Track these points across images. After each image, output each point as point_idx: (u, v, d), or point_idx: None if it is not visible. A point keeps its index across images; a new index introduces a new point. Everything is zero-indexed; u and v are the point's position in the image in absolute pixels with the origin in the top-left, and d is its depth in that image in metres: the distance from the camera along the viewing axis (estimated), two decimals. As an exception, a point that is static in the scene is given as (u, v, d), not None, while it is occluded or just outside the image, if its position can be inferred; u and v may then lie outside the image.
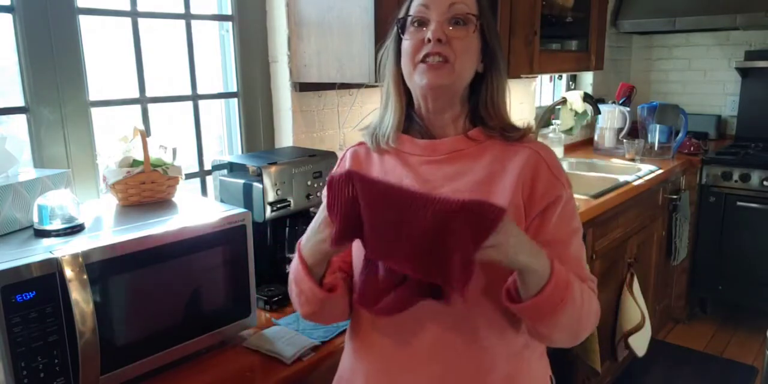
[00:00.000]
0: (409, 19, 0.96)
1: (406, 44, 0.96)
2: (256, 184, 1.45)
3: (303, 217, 1.56)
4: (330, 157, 1.61)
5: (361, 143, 1.08)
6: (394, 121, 1.01)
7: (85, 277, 0.97)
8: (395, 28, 0.99)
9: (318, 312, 0.97)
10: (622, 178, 2.59)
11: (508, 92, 1.03)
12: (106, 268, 1.02)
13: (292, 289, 0.98)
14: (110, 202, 1.33)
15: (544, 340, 0.97)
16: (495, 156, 0.97)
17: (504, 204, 0.91)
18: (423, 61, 0.93)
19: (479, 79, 1.00)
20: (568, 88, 3.54)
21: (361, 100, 2.09)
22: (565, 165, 3.02)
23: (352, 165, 1.06)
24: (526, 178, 0.94)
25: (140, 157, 1.31)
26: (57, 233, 1.08)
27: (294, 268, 0.96)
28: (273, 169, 1.45)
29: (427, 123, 1.01)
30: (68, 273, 0.96)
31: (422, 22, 0.95)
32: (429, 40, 0.92)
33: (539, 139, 2.91)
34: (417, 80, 0.95)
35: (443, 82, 0.94)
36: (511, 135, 0.98)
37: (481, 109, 0.99)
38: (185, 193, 1.43)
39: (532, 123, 0.97)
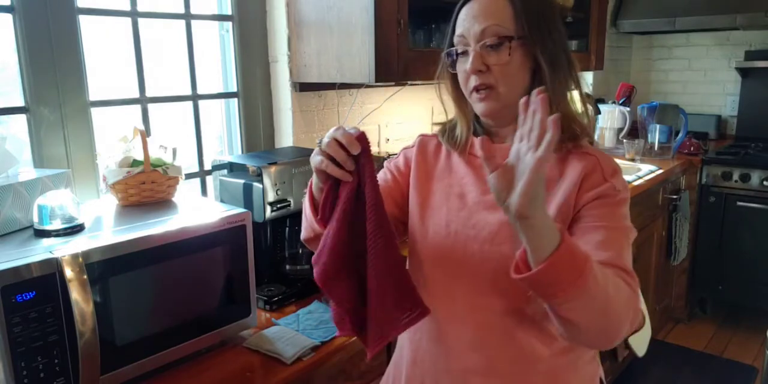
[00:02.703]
0: (453, 51, 0.99)
1: (458, 76, 1.00)
2: (256, 184, 1.45)
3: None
4: (330, 157, 1.61)
5: (435, 134, 1.12)
6: (463, 136, 1.05)
7: (85, 277, 0.97)
8: (446, 59, 1.02)
9: (313, 239, 1.00)
10: (622, 178, 2.59)
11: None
12: (106, 268, 1.02)
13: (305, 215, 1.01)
14: (110, 202, 1.33)
15: (573, 334, 0.88)
16: (554, 161, 0.98)
17: (554, 207, 0.94)
18: (474, 90, 0.97)
19: (540, 81, 0.99)
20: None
21: (361, 100, 2.09)
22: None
23: (418, 152, 1.09)
24: (581, 180, 0.95)
25: (140, 157, 1.31)
26: (57, 233, 1.08)
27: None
28: (273, 169, 1.45)
29: (489, 129, 1.05)
30: (68, 273, 0.96)
31: (465, 53, 0.97)
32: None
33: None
34: (474, 108, 1.00)
35: (494, 108, 0.98)
36: (566, 144, 0.98)
37: None
38: (185, 193, 1.43)
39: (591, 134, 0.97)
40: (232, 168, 1.55)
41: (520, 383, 0.99)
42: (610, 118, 3.26)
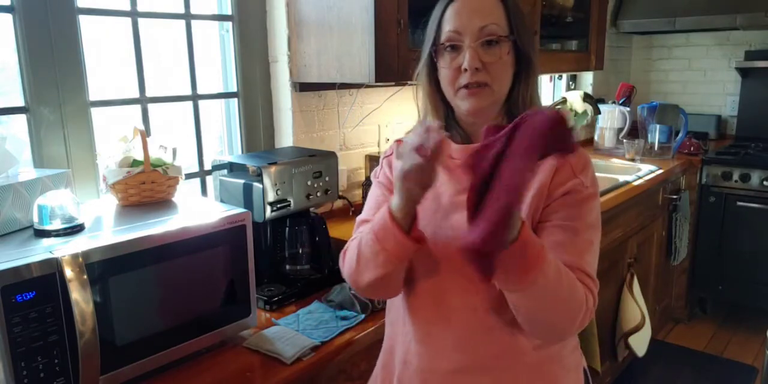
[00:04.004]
0: (442, 47, 0.98)
1: (444, 72, 0.99)
2: (256, 184, 1.45)
3: (303, 217, 1.56)
4: (330, 157, 1.61)
5: None
6: None
7: (85, 277, 0.97)
8: (428, 52, 1.01)
9: (391, 274, 0.95)
10: (622, 178, 2.59)
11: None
12: (106, 268, 1.02)
13: (363, 256, 0.95)
14: (110, 202, 1.33)
15: (525, 323, 0.94)
16: None
17: (528, 200, 0.95)
18: (463, 86, 0.97)
19: (519, 81, 1.02)
20: (568, 88, 3.54)
21: (361, 100, 2.09)
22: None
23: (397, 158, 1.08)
24: (552, 174, 0.97)
25: (140, 157, 1.31)
26: (57, 233, 1.08)
27: (370, 230, 0.94)
28: (273, 169, 1.45)
29: (467, 129, 1.04)
30: (68, 273, 0.96)
31: (456, 48, 0.97)
32: (466, 69, 0.95)
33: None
34: (459, 105, 0.99)
35: (485, 105, 0.98)
36: None
37: (513, 107, 1.02)
38: (185, 193, 1.43)
39: None
40: (232, 168, 1.55)
41: (506, 377, 1.00)
42: (610, 118, 3.26)
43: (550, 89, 3.49)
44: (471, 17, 0.95)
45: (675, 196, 2.98)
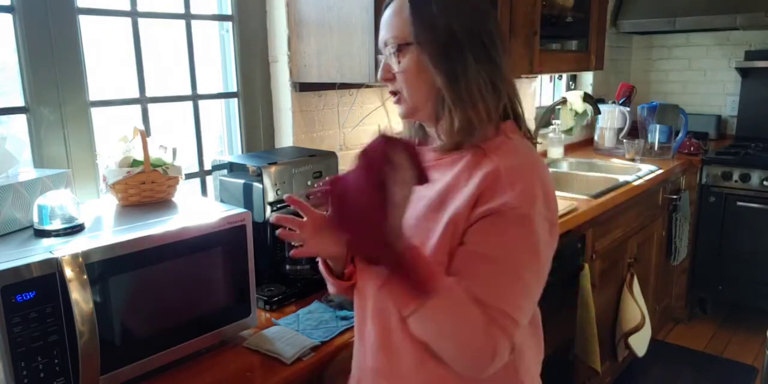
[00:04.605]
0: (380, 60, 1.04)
1: None
2: (256, 184, 1.45)
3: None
4: (330, 157, 1.61)
5: None
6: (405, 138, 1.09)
7: (85, 277, 0.97)
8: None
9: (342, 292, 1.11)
10: (622, 178, 2.59)
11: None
12: (106, 268, 1.02)
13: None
14: (110, 202, 1.33)
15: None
16: (466, 165, 0.94)
17: (446, 217, 0.91)
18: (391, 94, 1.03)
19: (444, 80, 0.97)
20: (568, 88, 3.54)
21: (361, 100, 2.09)
22: (564, 165, 3.03)
23: None
24: (479, 190, 0.89)
25: (140, 157, 1.31)
26: (57, 233, 1.08)
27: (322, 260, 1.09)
28: (273, 169, 1.45)
29: (430, 132, 1.06)
30: (68, 273, 0.96)
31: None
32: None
33: (539, 140, 2.92)
34: None
35: (404, 111, 1.01)
36: (444, 144, 0.98)
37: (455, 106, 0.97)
38: (185, 193, 1.43)
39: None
40: (232, 168, 1.55)
41: None
42: (610, 118, 3.26)
43: (550, 89, 3.49)
44: (383, 31, 0.99)
45: (675, 196, 2.98)
